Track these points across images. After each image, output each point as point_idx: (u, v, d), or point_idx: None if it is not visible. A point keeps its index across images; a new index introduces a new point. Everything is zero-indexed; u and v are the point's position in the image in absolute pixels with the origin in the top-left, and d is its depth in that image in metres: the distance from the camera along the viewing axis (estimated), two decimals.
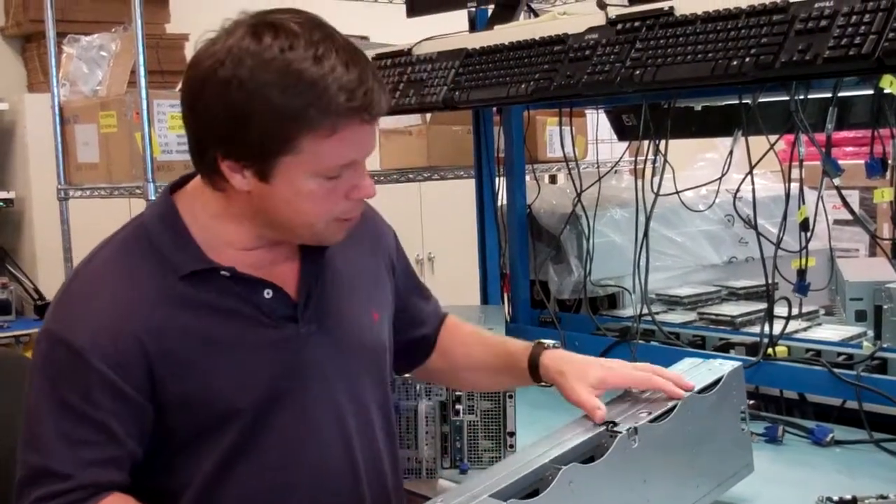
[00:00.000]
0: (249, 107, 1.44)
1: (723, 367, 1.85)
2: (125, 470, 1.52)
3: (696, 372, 1.85)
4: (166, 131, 3.12)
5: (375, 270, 1.82)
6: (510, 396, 2.15)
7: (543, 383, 1.86)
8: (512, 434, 2.17)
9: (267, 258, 1.63)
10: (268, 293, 1.60)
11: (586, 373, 1.75)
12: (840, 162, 2.36)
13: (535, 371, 1.85)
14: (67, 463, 1.47)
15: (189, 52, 5.45)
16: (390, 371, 1.84)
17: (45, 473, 1.47)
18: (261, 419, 1.58)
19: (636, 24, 2.17)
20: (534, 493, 1.46)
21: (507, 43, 2.48)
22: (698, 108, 2.93)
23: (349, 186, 1.54)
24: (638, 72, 2.09)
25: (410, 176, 3.68)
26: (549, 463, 1.51)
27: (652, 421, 1.64)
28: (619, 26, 2.21)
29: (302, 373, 1.62)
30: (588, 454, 1.58)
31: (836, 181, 2.33)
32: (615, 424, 1.61)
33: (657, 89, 2.13)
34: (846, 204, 2.37)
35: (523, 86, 2.33)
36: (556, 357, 1.83)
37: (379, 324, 1.78)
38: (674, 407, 1.68)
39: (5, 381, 2.15)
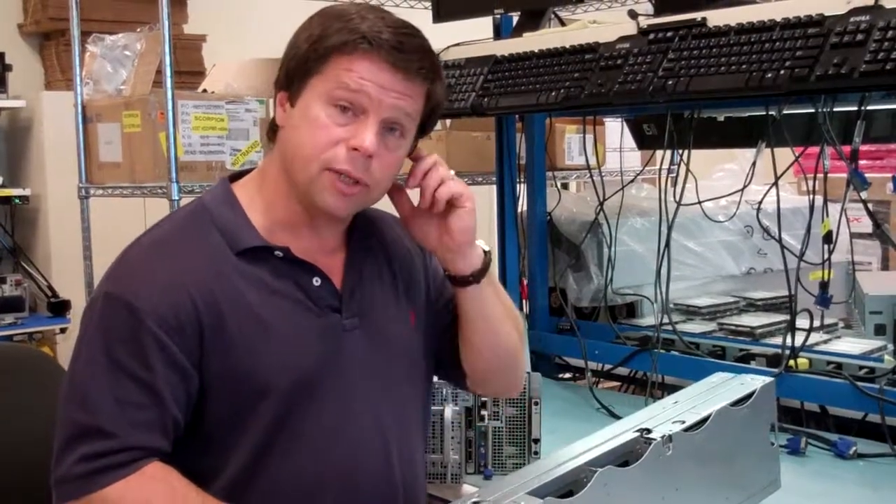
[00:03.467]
0: (300, 36, 1.60)
1: (754, 381, 1.85)
2: (168, 437, 1.53)
3: (727, 385, 1.85)
4: (190, 132, 3.13)
5: (412, 276, 1.82)
6: (535, 403, 2.15)
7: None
8: (537, 441, 2.17)
9: (317, 247, 1.66)
10: (317, 280, 1.64)
11: None
12: None
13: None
14: (116, 422, 1.48)
15: (206, 53, 5.50)
16: (428, 377, 1.84)
17: (93, 431, 1.48)
18: (297, 404, 1.59)
19: (668, 34, 2.18)
20: (567, 495, 1.47)
21: (536, 50, 2.49)
22: (721, 118, 2.94)
23: (352, 133, 1.56)
24: (670, 82, 2.10)
25: None
26: (583, 465, 1.52)
27: (686, 430, 1.64)
28: (651, 36, 2.22)
29: (340, 362, 1.64)
30: (622, 459, 1.58)
31: (864, 195, 2.34)
32: (649, 431, 1.62)
33: (690, 100, 2.14)
34: (872, 217, 2.39)
35: (553, 93, 2.34)
36: None
37: (416, 327, 1.79)
38: (707, 417, 1.69)
39: (28, 378, 2.15)
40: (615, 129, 3.72)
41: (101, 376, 1.50)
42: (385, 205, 1.80)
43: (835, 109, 2.36)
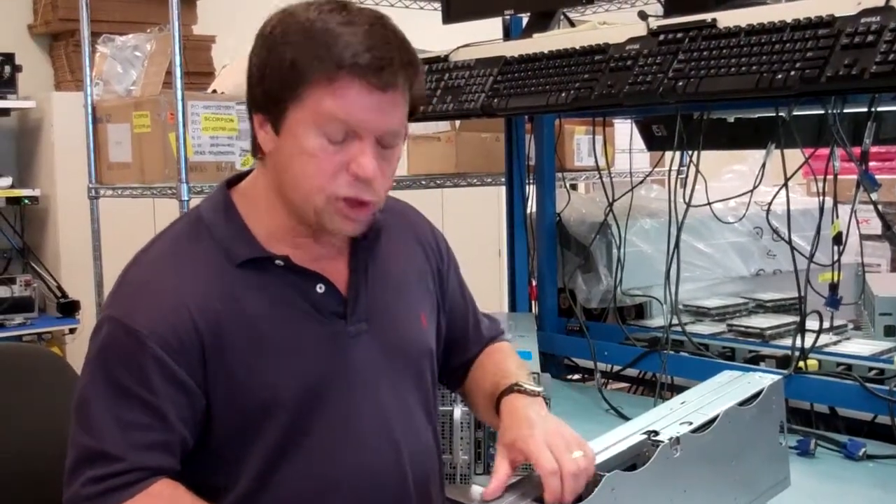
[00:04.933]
0: (270, 57, 1.52)
1: (762, 380, 1.85)
2: (175, 456, 1.53)
3: (735, 385, 1.85)
4: (199, 132, 3.14)
5: (424, 273, 1.82)
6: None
7: None
8: None
9: (318, 253, 1.64)
10: (320, 287, 1.62)
11: (507, 433, 1.60)
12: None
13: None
14: (120, 445, 1.48)
15: (215, 53, 5.50)
16: (435, 378, 1.83)
17: (98, 455, 1.48)
18: (305, 414, 1.59)
19: (679, 35, 2.18)
20: (576, 500, 1.47)
21: (546, 51, 2.49)
22: (731, 119, 2.93)
23: (350, 158, 1.52)
24: (681, 83, 2.09)
25: (438, 182, 3.68)
26: None
27: (693, 431, 1.64)
28: (662, 37, 2.21)
29: (347, 370, 1.63)
30: (629, 462, 1.58)
31: (874, 196, 2.33)
32: (657, 433, 1.62)
33: (700, 101, 2.13)
34: (882, 219, 2.38)
35: (563, 94, 2.33)
36: (509, 409, 1.67)
37: (427, 329, 1.78)
38: (715, 418, 1.69)
39: (38, 378, 2.16)
40: (624, 131, 3.72)
41: (105, 400, 1.50)
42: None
43: (845, 111, 2.35)
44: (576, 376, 3.21)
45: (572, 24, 2.93)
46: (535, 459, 1.48)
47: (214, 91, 3.56)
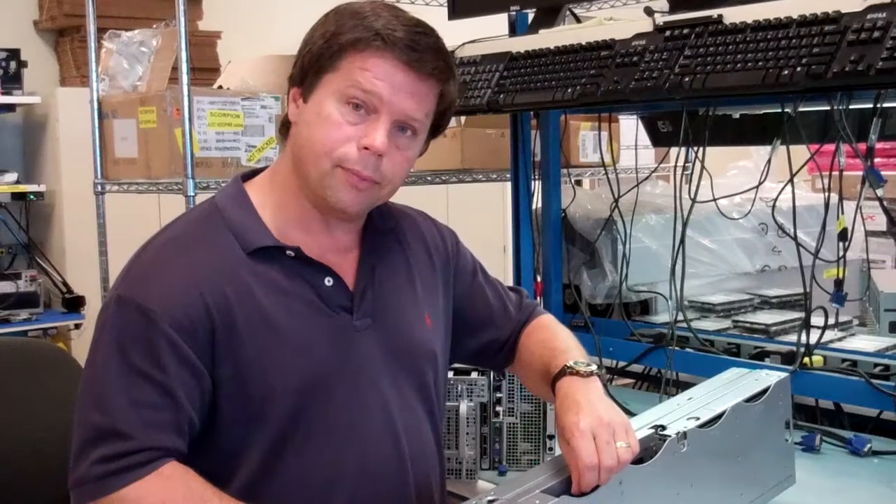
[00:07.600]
0: (315, 34, 1.62)
1: (769, 377, 1.86)
2: (184, 437, 1.54)
3: (742, 382, 1.85)
4: (205, 128, 3.14)
5: (430, 276, 1.83)
6: None
7: None
8: (551, 437, 2.18)
9: (329, 246, 1.67)
10: (328, 280, 1.64)
11: (559, 419, 1.59)
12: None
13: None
14: (132, 423, 1.49)
15: (221, 49, 5.51)
16: (441, 378, 1.83)
17: (110, 433, 1.49)
18: (308, 403, 1.60)
19: (685, 31, 2.18)
20: (584, 493, 1.47)
21: (552, 47, 2.49)
22: (736, 115, 2.93)
23: (363, 132, 1.57)
24: (687, 79, 2.09)
25: (443, 177, 3.69)
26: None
27: (701, 426, 1.65)
28: (668, 33, 2.22)
29: (352, 363, 1.64)
30: (637, 456, 1.59)
31: (879, 192, 2.33)
32: (664, 428, 1.62)
33: (707, 96, 2.14)
34: (888, 215, 2.38)
35: (569, 90, 2.34)
36: (561, 393, 1.64)
37: (432, 329, 1.79)
38: (722, 413, 1.69)
39: (44, 373, 2.16)
40: (630, 127, 3.72)
41: (116, 378, 1.51)
42: (404, 199, 1.81)
43: (851, 107, 2.35)
44: None
45: (578, 19, 2.93)
46: (576, 450, 1.48)
47: (220, 87, 3.56)
